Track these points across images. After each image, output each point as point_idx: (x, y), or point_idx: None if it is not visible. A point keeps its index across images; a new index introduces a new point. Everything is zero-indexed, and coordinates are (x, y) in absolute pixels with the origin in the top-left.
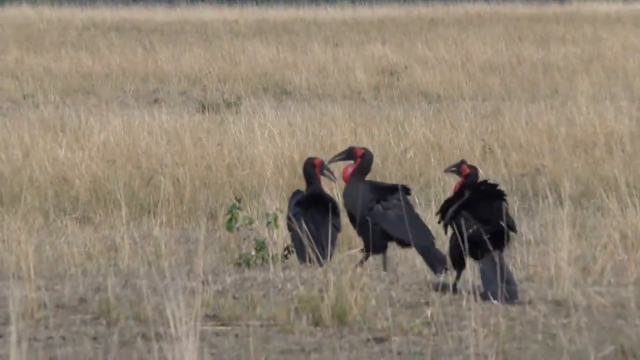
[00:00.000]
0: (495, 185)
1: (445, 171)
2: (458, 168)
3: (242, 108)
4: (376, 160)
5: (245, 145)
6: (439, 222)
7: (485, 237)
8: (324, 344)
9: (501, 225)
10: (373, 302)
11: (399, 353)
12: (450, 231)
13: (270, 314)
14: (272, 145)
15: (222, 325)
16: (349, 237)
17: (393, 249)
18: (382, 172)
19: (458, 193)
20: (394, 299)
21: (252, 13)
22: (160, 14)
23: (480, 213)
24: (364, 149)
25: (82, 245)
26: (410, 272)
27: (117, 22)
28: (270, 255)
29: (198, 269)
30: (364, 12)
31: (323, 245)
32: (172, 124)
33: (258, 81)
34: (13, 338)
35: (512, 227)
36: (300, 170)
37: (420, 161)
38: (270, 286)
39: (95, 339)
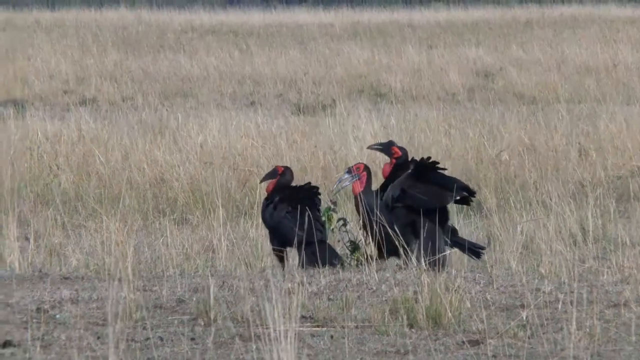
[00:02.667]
0: (428, 159)
1: (369, 148)
2: (387, 148)
3: (336, 110)
4: (470, 163)
5: (339, 148)
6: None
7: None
8: (418, 346)
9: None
10: (468, 304)
11: (494, 356)
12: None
13: (365, 315)
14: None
15: (318, 326)
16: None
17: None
18: (477, 175)
19: (392, 175)
20: (489, 301)
21: (347, 16)
22: (257, 17)
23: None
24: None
25: (180, 246)
26: (505, 275)
27: (214, 26)
28: (365, 256)
29: (294, 271)
30: (458, 14)
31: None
32: (267, 126)
33: (353, 83)
34: (111, 339)
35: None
36: None
37: (515, 164)
38: (364, 288)
39: (192, 339)
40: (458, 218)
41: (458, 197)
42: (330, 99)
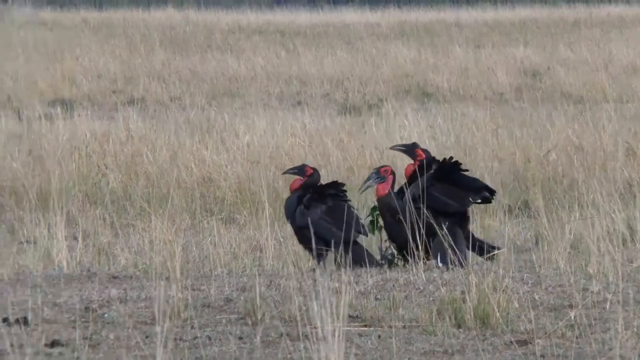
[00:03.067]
0: (451, 160)
1: (392, 148)
2: (410, 150)
3: (383, 110)
4: (518, 162)
5: (386, 147)
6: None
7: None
8: (466, 346)
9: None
10: (516, 304)
11: (542, 356)
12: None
13: (413, 315)
14: None
15: (365, 326)
16: (491, 238)
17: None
18: (524, 174)
19: (414, 177)
20: (537, 301)
21: (394, 15)
22: (304, 17)
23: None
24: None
25: (228, 245)
26: (553, 275)
27: (262, 26)
28: (412, 256)
29: (341, 270)
30: (506, 14)
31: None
32: (314, 126)
33: (399, 83)
34: (159, 338)
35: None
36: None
37: (563, 163)
38: (412, 287)
39: (240, 338)
40: (506, 217)
41: (479, 200)
42: (377, 98)
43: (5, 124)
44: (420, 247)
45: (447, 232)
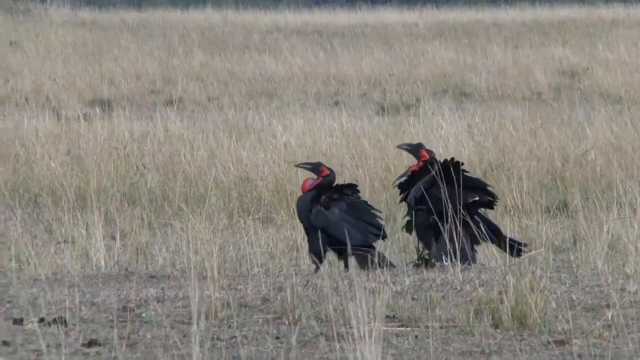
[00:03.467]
0: (452, 161)
1: (398, 147)
2: (415, 150)
3: (420, 110)
4: (556, 162)
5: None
6: (400, 202)
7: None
8: (504, 346)
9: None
10: (553, 304)
11: (579, 356)
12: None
13: (450, 315)
14: (451, 147)
15: (402, 326)
16: (529, 238)
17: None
18: (563, 174)
19: (416, 174)
20: (574, 301)
21: (432, 15)
22: (342, 18)
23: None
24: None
25: (265, 245)
26: (591, 275)
27: (300, 26)
28: (449, 257)
29: (377, 270)
30: (544, 14)
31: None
32: (351, 126)
33: (437, 83)
34: (196, 337)
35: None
36: (478, 171)
37: (601, 163)
38: (449, 288)
39: (277, 338)
40: (544, 218)
41: (477, 198)
42: (414, 98)
43: (44, 124)
44: (457, 247)
45: (448, 233)
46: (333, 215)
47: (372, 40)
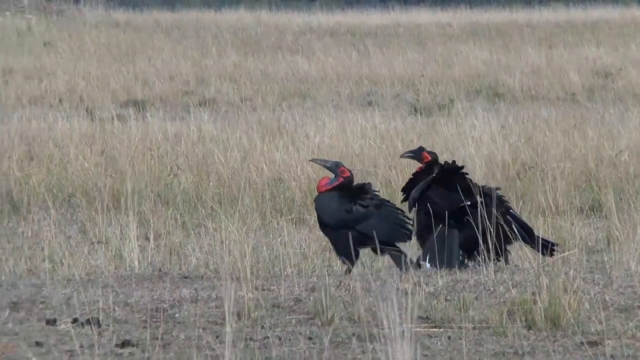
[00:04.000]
0: (454, 165)
1: (402, 157)
2: (417, 154)
3: (454, 110)
4: (590, 163)
5: (457, 148)
6: (402, 202)
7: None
8: (537, 347)
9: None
10: (586, 305)
11: (612, 357)
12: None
13: (483, 316)
14: (484, 148)
15: (435, 327)
16: (562, 239)
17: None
18: (596, 175)
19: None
20: (608, 302)
21: (465, 16)
22: (374, 18)
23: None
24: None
25: (298, 246)
26: (624, 276)
27: (332, 26)
28: (482, 257)
29: (410, 271)
30: (577, 14)
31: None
32: (384, 126)
33: (471, 83)
34: (229, 338)
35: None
36: (512, 172)
37: (635, 164)
38: (482, 289)
39: (310, 339)
40: (577, 218)
41: (469, 202)
42: (448, 99)
43: (78, 124)
44: (490, 248)
45: (440, 233)
46: (371, 215)
47: (405, 41)
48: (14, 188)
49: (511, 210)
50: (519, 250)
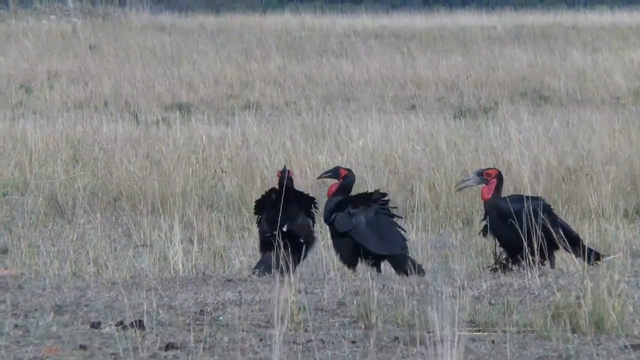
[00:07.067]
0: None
1: (319, 178)
2: (335, 173)
3: (498, 113)
4: (636, 167)
5: (501, 151)
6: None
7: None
8: (581, 351)
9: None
10: (631, 308)
11: None
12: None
13: (527, 320)
14: (529, 151)
15: (479, 330)
16: (607, 242)
17: None
18: None
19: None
20: None
21: (510, 18)
22: (419, 21)
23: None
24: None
25: None
26: None
27: (377, 30)
28: (526, 261)
29: (455, 274)
30: (623, 17)
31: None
32: (428, 129)
33: (515, 87)
34: (274, 341)
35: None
36: (557, 176)
37: None
38: (526, 292)
39: (353, 342)
40: (622, 222)
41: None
42: (492, 102)
43: (123, 127)
44: (535, 251)
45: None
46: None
47: (449, 44)
48: (59, 191)
49: (558, 220)
50: (563, 254)
